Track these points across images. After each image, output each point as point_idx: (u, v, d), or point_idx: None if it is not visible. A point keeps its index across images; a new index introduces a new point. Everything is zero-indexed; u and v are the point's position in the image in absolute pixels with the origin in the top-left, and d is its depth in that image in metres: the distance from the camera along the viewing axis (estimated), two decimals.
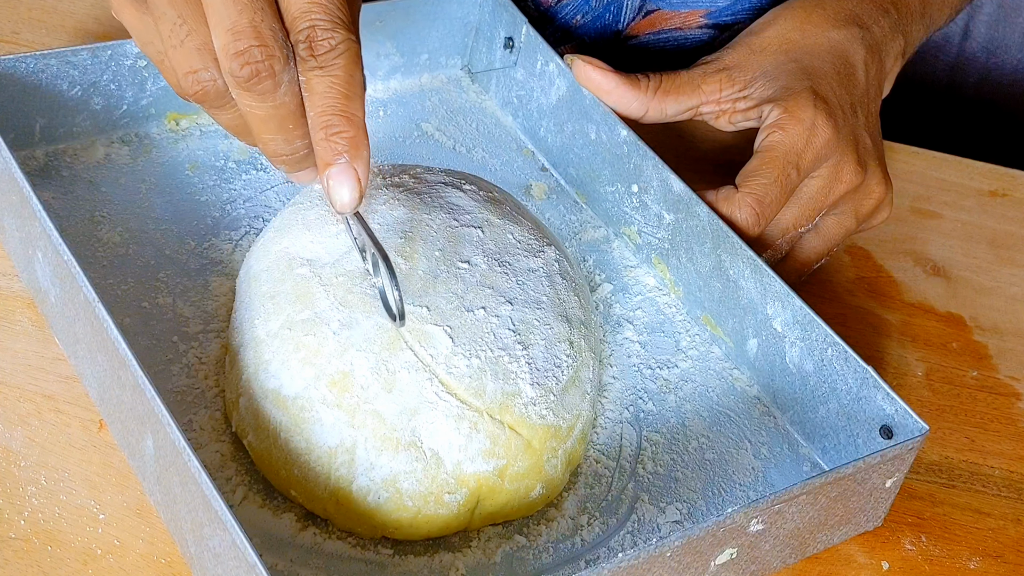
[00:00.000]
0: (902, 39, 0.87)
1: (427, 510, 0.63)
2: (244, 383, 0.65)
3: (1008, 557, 0.72)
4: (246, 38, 0.57)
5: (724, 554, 0.63)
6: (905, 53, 0.88)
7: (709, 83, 0.82)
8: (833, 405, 0.71)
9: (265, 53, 0.57)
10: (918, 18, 0.89)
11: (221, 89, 0.59)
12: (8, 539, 0.60)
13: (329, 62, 0.59)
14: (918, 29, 0.90)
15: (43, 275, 0.68)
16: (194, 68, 0.59)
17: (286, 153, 0.61)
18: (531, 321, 0.66)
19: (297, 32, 0.58)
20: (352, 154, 0.60)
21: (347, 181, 0.60)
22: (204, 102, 0.60)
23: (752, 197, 0.76)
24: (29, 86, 0.75)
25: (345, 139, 0.59)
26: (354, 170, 0.60)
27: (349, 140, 0.60)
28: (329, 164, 0.60)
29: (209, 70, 0.59)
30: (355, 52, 0.60)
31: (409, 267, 0.66)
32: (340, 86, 0.59)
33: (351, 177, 0.60)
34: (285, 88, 0.59)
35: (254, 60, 0.57)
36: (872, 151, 0.81)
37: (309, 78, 0.59)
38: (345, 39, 0.59)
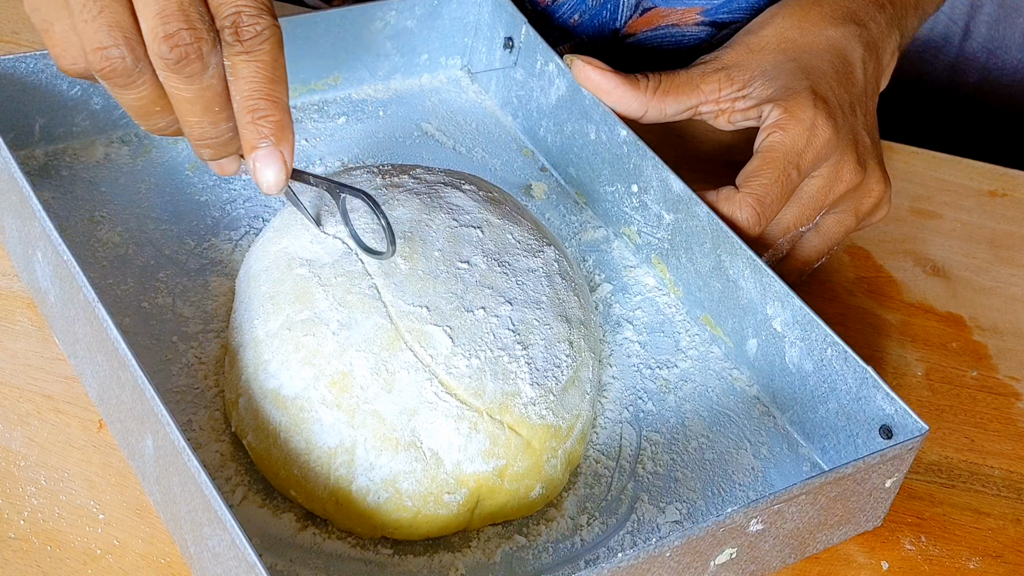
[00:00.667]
0: (898, 33, 0.87)
1: (427, 510, 0.63)
2: (244, 383, 0.65)
3: (1008, 557, 0.72)
4: (175, 21, 0.58)
5: (724, 554, 0.63)
6: (901, 46, 0.88)
7: (708, 82, 0.82)
8: (833, 405, 0.71)
9: (194, 36, 0.58)
10: (912, 10, 0.90)
11: (129, 68, 0.59)
12: (8, 539, 0.60)
13: (255, 47, 0.60)
14: (912, 21, 0.90)
15: (43, 275, 0.68)
16: (104, 44, 0.58)
17: (211, 136, 0.61)
18: (531, 321, 0.66)
19: (223, 17, 0.59)
20: (278, 137, 0.61)
21: (273, 163, 0.61)
22: (109, 79, 0.60)
23: (753, 197, 0.76)
24: (29, 86, 0.75)
25: (271, 122, 0.61)
26: (280, 152, 0.61)
27: (275, 123, 0.61)
28: (255, 147, 0.61)
29: (119, 47, 0.59)
30: (279, 38, 0.60)
31: (409, 267, 0.66)
32: (265, 71, 0.60)
33: (277, 159, 0.61)
34: (212, 71, 0.59)
35: (183, 43, 0.58)
36: (871, 149, 0.81)
37: (235, 63, 0.60)
38: (270, 25, 0.60)
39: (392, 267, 0.66)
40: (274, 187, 0.62)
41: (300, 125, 0.83)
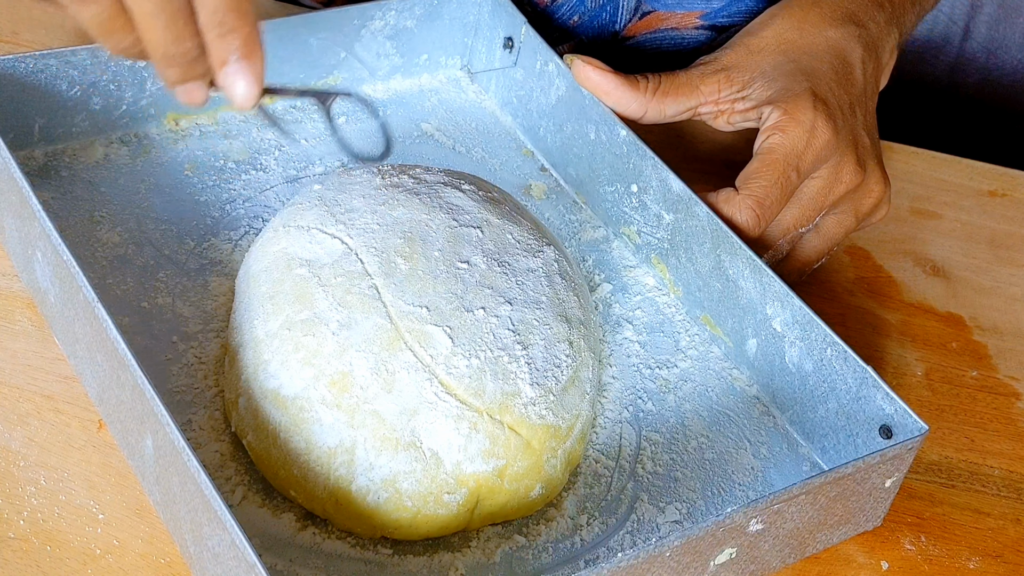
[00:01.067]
0: (897, 31, 0.87)
1: (427, 510, 0.63)
2: (243, 383, 0.65)
3: (1008, 557, 0.72)
4: None
5: (724, 554, 0.63)
6: (900, 44, 0.88)
7: (708, 83, 0.82)
8: (832, 405, 0.71)
9: None
10: (910, 7, 0.90)
11: None
12: (8, 539, 0.60)
13: None
14: (911, 18, 0.90)
15: (43, 275, 0.68)
16: None
17: (176, 53, 0.60)
18: (530, 321, 0.66)
19: None
20: (246, 50, 0.60)
21: (243, 75, 0.60)
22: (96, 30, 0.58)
23: (752, 199, 0.76)
24: (29, 86, 0.75)
25: (239, 36, 0.59)
26: (250, 65, 0.60)
27: (244, 36, 0.59)
28: (224, 62, 0.60)
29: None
30: None
31: (409, 267, 0.66)
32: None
33: (246, 72, 0.60)
34: None
35: None
36: (871, 150, 0.81)
37: None
38: None
39: (392, 267, 0.66)
40: (248, 100, 0.61)
41: (300, 125, 0.83)
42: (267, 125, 0.65)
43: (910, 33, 0.91)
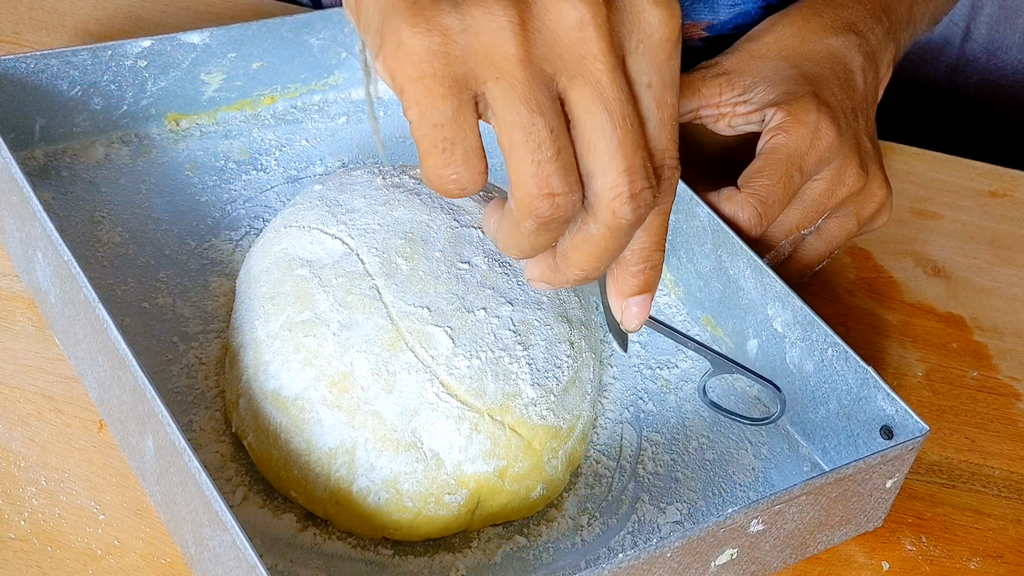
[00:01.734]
0: (893, 47, 0.88)
1: (427, 511, 0.63)
2: (244, 384, 0.64)
3: (1008, 557, 0.72)
4: (641, 180, 0.54)
5: (724, 554, 0.63)
6: (895, 60, 0.89)
7: (709, 87, 0.82)
8: (833, 405, 0.71)
9: (652, 195, 0.54)
10: (905, 26, 0.90)
11: (572, 216, 0.55)
12: (8, 539, 0.60)
13: (666, 199, 0.57)
14: (906, 37, 0.90)
15: (43, 275, 0.68)
16: (557, 191, 0.53)
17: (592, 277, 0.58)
18: (531, 321, 0.66)
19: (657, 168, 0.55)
20: (656, 285, 0.59)
21: (646, 309, 0.60)
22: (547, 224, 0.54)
23: (755, 198, 0.76)
24: (29, 86, 0.75)
25: (657, 272, 0.59)
26: (652, 297, 0.60)
27: (659, 272, 0.59)
28: (636, 293, 0.59)
29: (574, 193, 0.54)
30: None
31: (410, 268, 0.66)
32: (666, 222, 0.58)
33: (648, 304, 0.60)
34: None
35: (645, 203, 0.54)
36: (873, 155, 0.81)
37: None
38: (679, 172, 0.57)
39: (393, 268, 0.66)
40: (637, 328, 0.60)
41: (300, 126, 0.84)
42: None
43: (903, 52, 0.91)
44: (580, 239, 0.56)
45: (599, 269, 0.57)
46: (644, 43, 0.54)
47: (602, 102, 0.53)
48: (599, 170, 0.54)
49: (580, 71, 0.53)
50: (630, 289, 0.59)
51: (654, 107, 0.55)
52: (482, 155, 0.54)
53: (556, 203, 0.53)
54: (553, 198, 0.53)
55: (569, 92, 0.53)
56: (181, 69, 0.79)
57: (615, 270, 0.59)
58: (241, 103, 0.83)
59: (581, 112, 0.53)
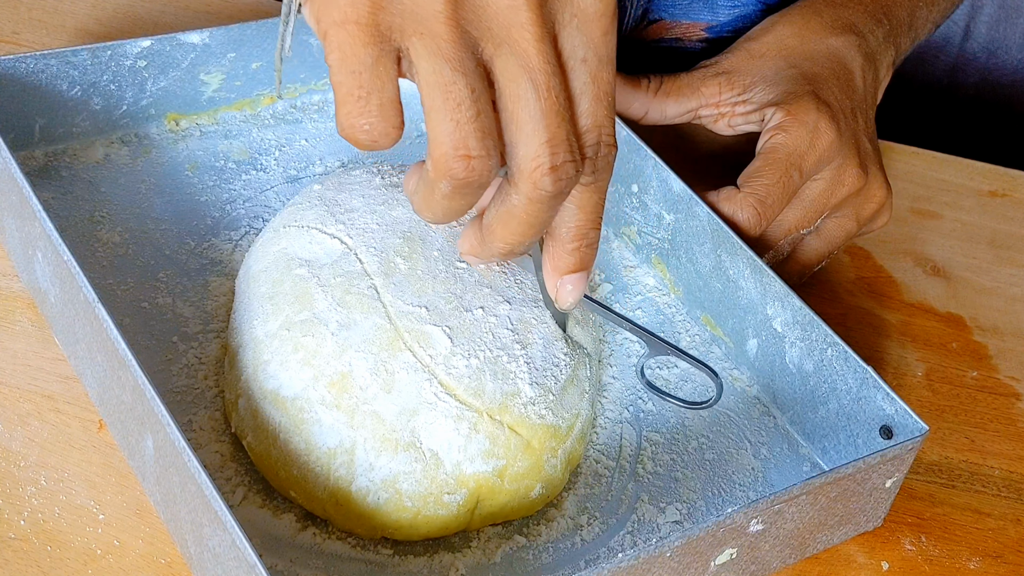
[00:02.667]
0: (893, 50, 0.88)
1: (427, 511, 0.63)
2: (243, 384, 0.64)
3: (1008, 557, 0.72)
4: (563, 152, 0.54)
5: (724, 554, 0.63)
6: (895, 63, 0.89)
7: (709, 86, 0.82)
8: (833, 405, 0.71)
9: (575, 169, 0.55)
10: (907, 30, 0.90)
11: (486, 182, 0.55)
12: (8, 539, 0.60)
13: (601, 177, 0.57)
14: (906, 41, 0.90)
15: (43, 275, 0.68)
16: (472, 152, 0.54)
17: (519, 253, 0.59)
18: (529, 320, 0.66)
19: (587, 145, 0.56)
20: (590, 263, 0.60)
21: (581, 287, 0.60)
22: (462, 187, 0.55)
23: (754, 198, 0.76)
24: (29, 86, 0.75)
25: (592, 250, 0.59)
26: (587, 276, 0.60)
27: (594, 251, 0.59)
28: (570, 270, 0.59)
29: (491, 158, 0.54)
30: None
31: (408, 267, 0.66)
32: (602, 198, 0.58)
33: (584, 283, 0.60)
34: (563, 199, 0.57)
35: (566, 176, 0.54)
36: (872, 155, 0.81)
37: (579, 190, 0.57)
38: (615, 151, 0.57)
39: (391, 267, 0.66)
40: (573, 307, 0.61)
41: (300, 125, 0.84)
42: None
43: (903, 57, 0.91)
44: (503, 211, 0.56)
45: (523, 243, 0.58)
46: (578, 17, 0.54)
47: (527, 72, 0.53)
48: (521, 140, 0.54)
49: (507, 40, 0.53)
50: (565, 267, 0.59)
51: (589, 82, 0.55)
52: (398, 110, 0.54)
53: (471, 165, 0.54)
54: (469, 160, 0.54)
55: (495, 61, 0.54)
56: (181, 69, 0.79)
57: (550, 247, 0.59)
58: (241, 103, 0.83)
59: (505, 81, 0.54)
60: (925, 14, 0.92)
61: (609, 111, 0.56)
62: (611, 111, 0.56)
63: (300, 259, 0.67)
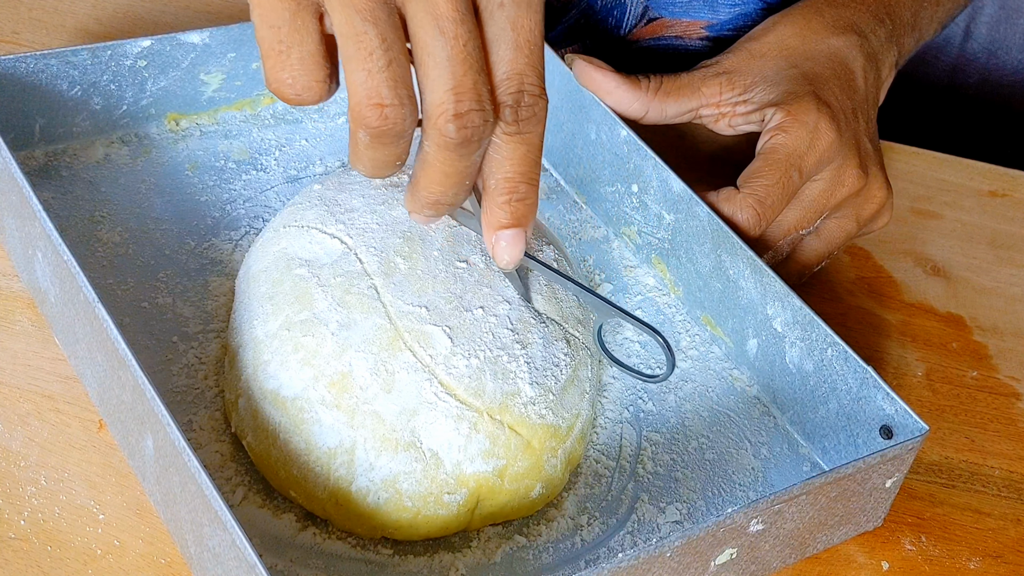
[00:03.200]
0: (896, 50, 0.88)
1: (427, 510, 0.63)
2: (243, 383, 0.65)
3: (1008, 557, 0.72)
4: (468, 100, 0.54)
5: (724, 554, 0.63)
6: (898, 64, 0.89)
7: (709, 86, 0.82)
8: (833, 405, 0.71)
9: (482, 118, 0.55)
10: (910, 30, 0.90)
11: (403, 130, 0.56)
12: (8, 539, 0.60)
13: (528, 128, 0.57)
14: (909, 41, 0.90)
15: (43, 275, 0.68)
16: (384, 100, 0.54)
17: (447, 204, 0.59)
18: (529, 320, 0.66)
19: (507, 93, 0.56)
20: (525, 219, 0.59)
21: (519, 243, 0.60)
22: (377, 139, 0.56)
23: (753, 198, 0.76)
24: (29, 86, 0.75)
25: (525, 205, 0.59)
26: (524, 232, 0.60)
27: (528, 206, 0.59)
28: (504, 226, 0.59)
29: (404, 107, 0.55)
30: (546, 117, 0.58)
31: (408, 267, 0.66)
32: (533, 152, 0.58)
33: (520, 241, 0.60)
34: (481, 150, 0.57)
35: (472, 125, 0.55)
36: (873, 156, 0.81)
37: (505, 142, 0.57)
38: (545, 105, 0.57)
39: (391, 267, 0.66)
40: (512, 263, 0.61)
41: (300, 125, 0.84)
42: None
43: (907, 58, 0.91)
44: (420, 160, 0.57)
45: (445, 193, 0.58)
46: None
47: (434, 19, 0.54)
48: (428, 88, 0.55)
49: None
50: (497, 221, 0.59)
51: (507, 28, 0.55)
52: (321, 64, 0.55)
53: (384, 114, 0.54)
54: (381, 108, 0.54)
55: (406, 8, 0.54)
56: (181, 69, 0.79)
57: (485, 202, 0.60)
58: (241, 103, 0.83)
59: (415, 29, 0.54)
60: (930, 13, 0.92)
61: (532, 59, 0.56)
62: (535, 59, 0.56)
63: (300, 259, 0.67)
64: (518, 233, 0.60)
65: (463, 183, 0.58)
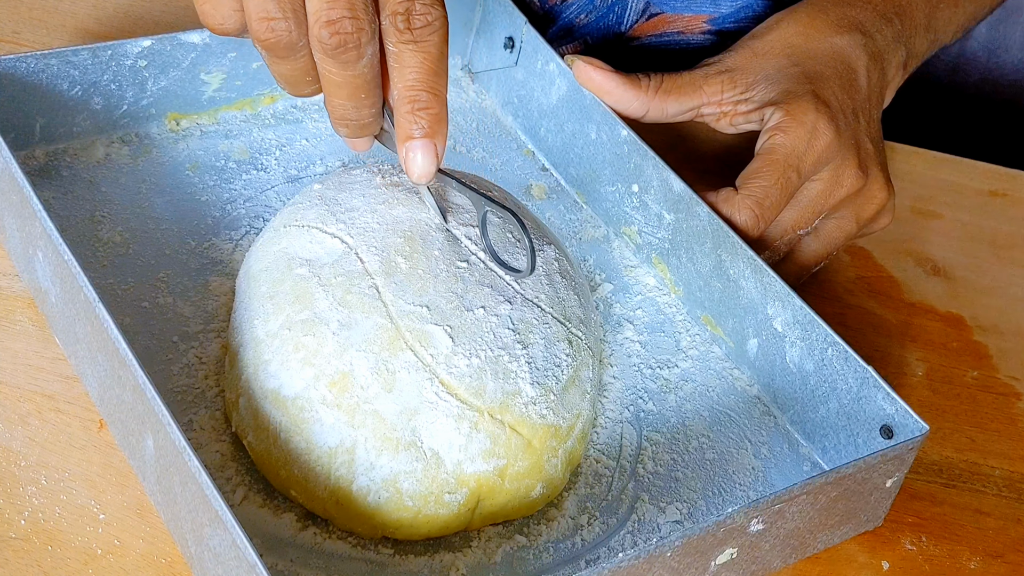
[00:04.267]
0: (904, 50, 0.87)
1: (427, 510, 0.63)
2: (244, 383, 0.65)
3: (1008, 557, 0.72)
4: (340, 8, 0.58)
5: (724, 554, 0.63)
6: (907, 65, 0.88)
7: (711, 84, 0.82)
8: (833, 405, 0.71)
9: (355, 26, 0.58)
10: (922, 31, 0.89)
11: (293, 41, 0.60)
12: (8, 539, 0.60)
13: (424, 37, 0.60)
14: (922, 42, 0.90)
15: (43, 275, 0.68)
16: (271, 15, 0.59)
17: (352, 119, 0.63)
18: (530, 320, 0.66)
19: (396, 3, 0.59)
20: (433, 129, 0.62)
21: (428, 155, 0.62)
22: (270, 51, 0.60)
23: (752, 199, 0.76)
24: (29, 86, 0.75)
25: (430, 115, 0.61)
26: (434, 145, 0.62)
27: (433, 116, 0.61)
28: (411, 137, 0.62)
29: (287, 20, 0.59)
30: (447, 29, 0.61)
31: (409, 266, 0.66)
32: (431, 62, 0.61)
33: (431, 151, 0.62)
34: (367, 60, 0.60)
35: (344, 31, 0.58)
36: (874, 156, 0.81)
37: (401, 51, 0.60)
38: (441, 15, 0.60)
39: (392, 266, 0.66)
40: (424, 177, 0.63)
41: (301, 125, 0.84)
42: (425, 198, 0.68)
43: (921, 60, 0.90)
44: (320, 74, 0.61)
45: (347, 108, 0.62)
46: None
47: None
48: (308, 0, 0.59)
49: None
50: (405, 133, 0.62)
51: None
52: None
53: (271, 27, 0.59)
54: (268, 22, 0.59)
55: None
56: (181, 69, 0.79)
57: (395, 118, 0.62)
58: (241, 103, 0.83)
59: None
60: (947, 15, 0.92)
61: None
62: None
63: (301, 258, 0.67)
64: (427, 145, 0.62)
65: (359, 95, 0.61)
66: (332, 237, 0.67)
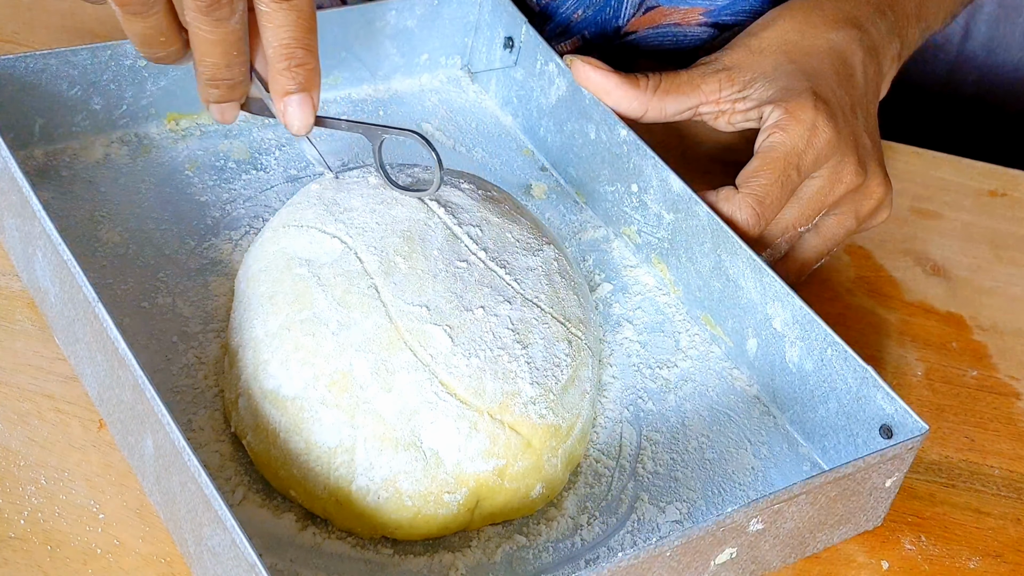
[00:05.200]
0: (898, 42, 0.88)
1: (427, 510, 0.63)
2: (243, 383, 0.65)
3: (1008, 557, 0.72)
4: None
5: (724, 554, 0.63)
6: (901, 56, 0.89)
7: (708, 83, 0.82)
8: (833, 405, 0.71)
9: None
10: (914, 21, 0.90)
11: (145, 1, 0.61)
12: (8, 539, 0.60)
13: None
14: (913, 32, 0.90)
15: (43, 275, 0.68)
16: None
17: (224, 78, 0.64)
18: (530, 320, 0.66)
19: None
20: (310, 83, 0.64)
21: (306, 107, 0.65)
22: (123, 6, 0.62)
23: (752, 198, 0.76)
24: (29, 86, 0.75)
25: (306, 70, 0.64)
26: (311, 97, 0.65)
27: (309, 71, 0.64)
28: (289, 92, 0.64)
29: None
30: None
31: (408, 266, 0.66)
32: (305, 19, 0.63)
33: (308, 104, 0.65)
34: (238, 17, 0.62)
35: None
36: (872, 152, 0.81)
37: (273, 10, 0.62)
38: None
39: (391, 266, 0.66)
40: (302, 129, 0.65)
41: None
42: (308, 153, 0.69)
43: (913, 49, 0.91)
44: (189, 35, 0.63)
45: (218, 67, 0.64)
46: None
47: None
48: None
49: None
50: (282, 88, 0.65)
51: None
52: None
53: None
54: None
55: None
56: (181, 68, 0.79)
57: (270, 76, 0.65)
58: None
59: None
60: (936, 2, 0.92)
61: None
62: None
63: (300, 258, 0.67)
64: (304, 98, 0.65)
65: (231, 54, 0.63)
66: (331, 237, 0.67)
